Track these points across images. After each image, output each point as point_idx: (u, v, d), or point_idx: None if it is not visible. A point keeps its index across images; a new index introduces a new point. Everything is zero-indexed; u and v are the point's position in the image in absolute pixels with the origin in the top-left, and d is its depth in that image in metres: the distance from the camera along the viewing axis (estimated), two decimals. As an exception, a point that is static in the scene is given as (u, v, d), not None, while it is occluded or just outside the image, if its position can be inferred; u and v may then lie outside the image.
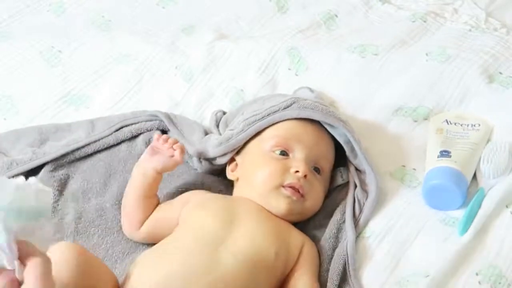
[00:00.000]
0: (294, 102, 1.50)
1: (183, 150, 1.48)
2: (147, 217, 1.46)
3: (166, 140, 1.48)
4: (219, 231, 1.36)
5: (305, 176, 1.44)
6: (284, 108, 1.50)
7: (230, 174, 1.52)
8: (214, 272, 1.30)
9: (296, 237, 1.42)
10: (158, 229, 1.44)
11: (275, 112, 1.50)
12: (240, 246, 1.34)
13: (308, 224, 1.49)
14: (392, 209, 1.47)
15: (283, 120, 1.49)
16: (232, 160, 1.53)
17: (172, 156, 1.46)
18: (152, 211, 1.47)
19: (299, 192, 1.43)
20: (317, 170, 1.48)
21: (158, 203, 1.49)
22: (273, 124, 1.50)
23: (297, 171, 1.43)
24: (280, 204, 1.43)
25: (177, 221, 1.43)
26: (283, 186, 1.43)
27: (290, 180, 1.43)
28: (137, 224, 1.46)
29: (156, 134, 1.50)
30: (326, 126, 1.51)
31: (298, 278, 1.37)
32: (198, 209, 1.43)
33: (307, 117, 1.49)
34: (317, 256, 1.41)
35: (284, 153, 1.46)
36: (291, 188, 1.43)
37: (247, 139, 1.50)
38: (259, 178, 1.44)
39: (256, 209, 1.42)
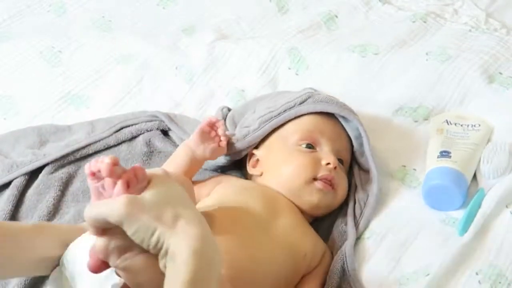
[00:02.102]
0: (309, 97, 1.51)
1: (229, 139, 1.50)
2: None
3: (216, 126, 1.49)
4: (264, 216, 1.37)
5: (335, 167, 1.45)
6: (300, 103, 1.50)
7: (252, 170, 1.51)
8: (251, 248, 1.30)
9: (321, 244, 1.43)
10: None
11: (291, 108, 1.50)
12: (280, 234, 1.35)
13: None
14: (393, 209, 1.47)
15: (300, 115, 1.50)
16: (251, 155, 1.53)
17: (219, 145, 1.48)
18: None
19: (330, 184, 1.44)
20: (340, 161, 1.49)
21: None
22: (292, 119, 1.50)
23: (328, 163, 1.44)
24: (313, 197, 1.43)
25: (207, 195, 1.44)
26: (316, 180, 1.44)
27: (322, 172, 1.44)
28: None
29: (208, 118, 1.49)
30: (340, 120, 1.52)
31: (311, 286, 1.38)
32: (237, 192, 1.42)
33: (322, 110, 1.50)
34: (330, 265, 1.41)
35: (310, 146, 1.47)
36: (323, 181, 1.43)
37: (264, 136, 1.51)
38: (289, 172, 1.44)
39: (291, 205, 1.43)
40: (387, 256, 1.39)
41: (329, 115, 1.51)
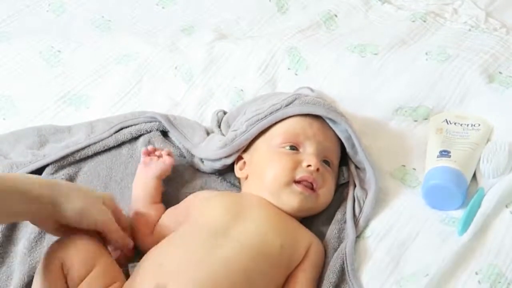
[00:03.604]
0: (295, 99, 1.51)
1: (170, 153, 1.52)
2: (155, 222, 1.46)
3: (153, 151, 1.52)
4: (224, 221, 1.37)
5: (317, 169, 1.44)
6: (286, 106, 1.50)
7: (238, 173, 1.52)
8: (215, 256, 1.30)
9: (304, 236, 1.42)
10: (168, 232, 1.43)
11: (277, 110, 1.50)
12: (245, 235, 1.35)
13: (310, 224, 1.48)
14: (392, 209, 1.47)
15: (286, 117, 1.50)
16: (239, 158, 1.53)
17: (164, 161, 1.50)
18: (159, 217, 1.47)
19: (312, 187, 1.44)
20: (327, 163, 1.48)
21: (164, 210, 1.49)
22: (279, 121, 1.50)
23: (309, 165, 1.44)
24: (291, 200, 1.43)
25: (184, 221, 1.44)
26: (295, 182, 1.43)
27: (302, 174, 1.43)
28: (147, 231, 1.45)
29: (143, 149, 1.52)
30: (328, 122, 1.51)
31: (299, 280, 1.37)
32: (204, 203, 1.43)
33: (309, 112, 1.49)
34: (322, 257, 1.41)
35: (294, 148, 1.47)
36: (303, 184, 1.43)
37: (251, 139, 1.51)
38: (270, 173, 1.45)
39: (265, 204, 1.43)
40: (386, 256, 1.39)
41: (317, 117, 1.51)
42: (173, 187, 1.55)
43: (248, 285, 1.30)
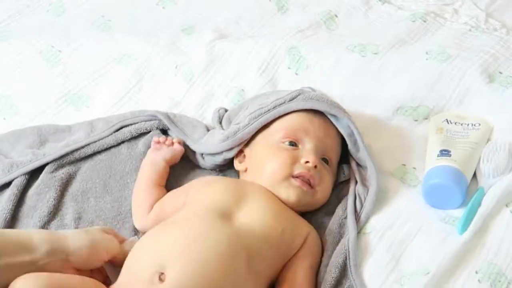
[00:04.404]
0: (299, 94, 1.52)
1: (180, 141, 1.57)
2: (155, 203, 1.48)
3: (164, 141, 1.56)
4: (227, 203, 1.39)
5: (315, 166, 1.45)
6: (290, 100, 1.51)
7: (238, 165, 1.53)
8: (217, 237, 1.31)
9: (303, 224, 1.43)
10: (165, 213, 1.45)
11: (280, 104, 1.51)
12: (247, 218, 1.36)
13: (310, 220, 1.48)
14: (392, 207, 1.47)
15: (289, 112, 1.50)
16: (239, 152, 1.53)
17: (175, 147, 1.55)
18: (160, 198, 1.49)
19: (309, 183, 1.44)
20: (325, 160, 1.49)
21: (165, 193, 1.51)
22: (280, 117, 1.51)
23: (307, 162, 1.45)
24: (289, 194, 1.44)
25: (183, 205, 1.44)
26: (293, 177, 1.44)
27: (299, 169, 1.44)
28: (146, 209, 1.48)
29: (155, 137, 1.56)
30: (330, 118, 1.52)
31: (298, 268, 1.38)
32: (206, 187, 1.45)
33: (312, 108, 1.50)
34: (319, 248, 1.42)
35: (293, 144, 1.48)
36: (301, 179, 1.44)
37: (254, 132, 1.51)
38: (268, 168, 1.46)
39: (265, 191, 1.44)
40: (387, 254, 1.39)
41: (319, 114, 1.51)
42: (174, 185, 1.55)
43: (249, 268, 1.31)
